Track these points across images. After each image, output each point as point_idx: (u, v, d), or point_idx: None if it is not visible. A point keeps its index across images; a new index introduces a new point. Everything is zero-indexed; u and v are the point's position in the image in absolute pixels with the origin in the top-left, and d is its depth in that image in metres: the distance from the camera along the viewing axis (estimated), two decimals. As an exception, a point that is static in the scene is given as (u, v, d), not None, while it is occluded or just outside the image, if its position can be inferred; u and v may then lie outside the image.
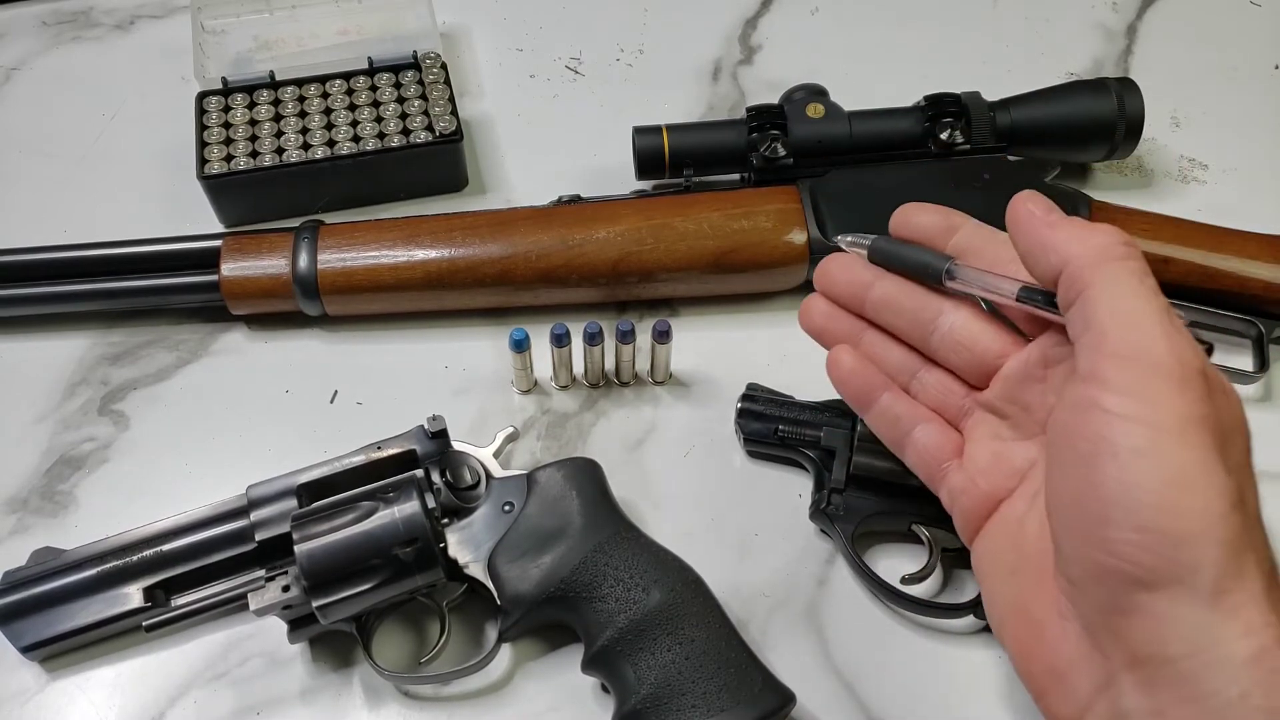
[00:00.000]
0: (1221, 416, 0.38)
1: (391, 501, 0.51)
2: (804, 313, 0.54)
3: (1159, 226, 0.65)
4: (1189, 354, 0.38)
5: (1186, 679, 0.36)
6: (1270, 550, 0.38)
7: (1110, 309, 0.39)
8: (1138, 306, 0.39)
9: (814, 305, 0.53)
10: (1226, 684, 0.36)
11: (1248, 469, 0.39)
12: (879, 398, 0.51)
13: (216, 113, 0.72)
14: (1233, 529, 0.36)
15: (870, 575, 0.56)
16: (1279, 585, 0.38)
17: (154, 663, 0.55)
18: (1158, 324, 0.38)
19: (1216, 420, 0.38)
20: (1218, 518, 0.36)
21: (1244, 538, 0.37)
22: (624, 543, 0.53)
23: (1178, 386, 0.37)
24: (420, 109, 0.73)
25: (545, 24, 0.85)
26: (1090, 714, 0.40)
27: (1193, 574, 0.36)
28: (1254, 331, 0.64)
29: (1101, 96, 0.68)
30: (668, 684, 0.49)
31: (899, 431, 0.51)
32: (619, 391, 0.65)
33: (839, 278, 0.52)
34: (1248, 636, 0.36)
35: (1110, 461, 0.38)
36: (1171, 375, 0.38)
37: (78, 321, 0.68)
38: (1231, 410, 0.39)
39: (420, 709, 0.54)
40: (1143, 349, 0.38)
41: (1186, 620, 0.36)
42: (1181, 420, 0.37)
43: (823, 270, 0.53)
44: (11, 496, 0.61)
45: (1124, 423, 0.38)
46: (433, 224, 0.66)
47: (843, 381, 0.52)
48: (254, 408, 0.64)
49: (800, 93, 0.69)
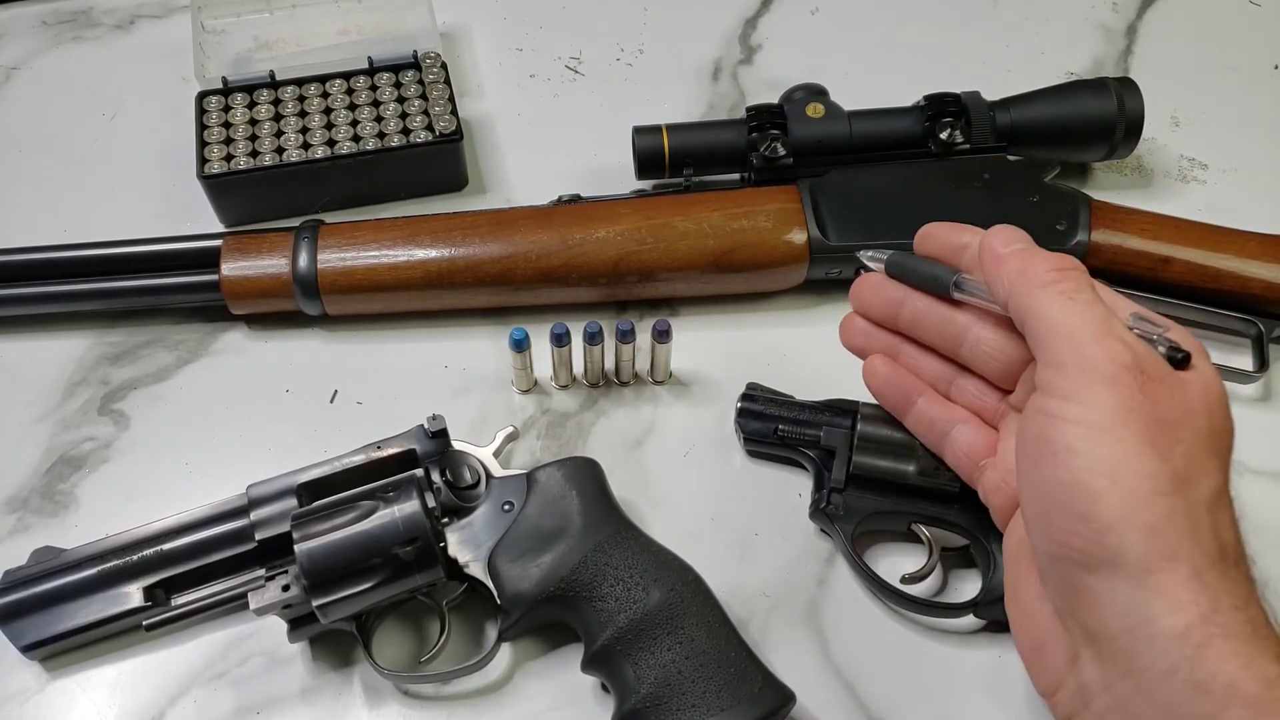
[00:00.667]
0: (1160, 407, 0.41)
1: (391, 501, 0.51)
2: (844, 332, 0.57)
3: (1159, 226, 0.65)
4: (1120, 354, 0.41)
5: (1126, 654, 0.40)
6: (1226, 530, 0.41)
7: (1045, 328, 0.44)
8: (1068, 322, 0.43)
9: (853, 324, 0.56)
10: (1157, 658, 0.39)
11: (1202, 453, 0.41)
12: (915, 402, 0.54)
13: (216, 112, 0.72)
14: (1158, 513, 0.39)
15: (870, 575, 0.56)
16: (1225, 564, 0.40)
17: (154, 662, 0.55)
18: (1088, 332, 0.42)
19: (1151, 411, 0.41)
20: (1141, 502, 0.39)
21: (1174, 520, 0.39)
22: (624, 542, 0.53)
23: (1106, 385, 0.41)
24: (420, 109, 0.73)
25: (545, 24, 0.86)
26: (1063, 687, 0.44)
27: (1120, 556, 0.40)
28: (1254, 331, 0.64)
29: (1101, 96, 0.68)
30: (668, 683, 0.49)
31: (937, 433, 0.54)
32: (619, 391, 0.65)
33: (871, 299, 0.55)
34: (1175, 614, 0.38)
35: (1051, 460, 0.42)
36: (1101, 375, 0.41)
37: (78, 321, 0.68)
38: (1176, 399, 0.41)
39: (420, 708, 0.54)
40: (1074, 356, 0.42)
41: (1120, 599, 0.40)
42: (1109, 416, 0.41)
43: (856, 291, 0.55)
44: (11, 496, 0.61)
45: (1060, 423, 0.42)
46: (433, 224, 0.66)
47: (879, 389, 0.55)
48: (254, 407, 0.64)
49: (800, 92, 0.69)
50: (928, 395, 0.54)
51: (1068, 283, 0.44)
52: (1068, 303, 0.43)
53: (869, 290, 0.55)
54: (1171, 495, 0.40)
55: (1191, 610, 0.38)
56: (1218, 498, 0.41)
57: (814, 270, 0.66)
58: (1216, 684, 0.38)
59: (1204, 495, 0.41)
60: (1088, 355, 0.42)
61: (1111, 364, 0.41)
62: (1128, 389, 0.41)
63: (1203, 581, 0.39)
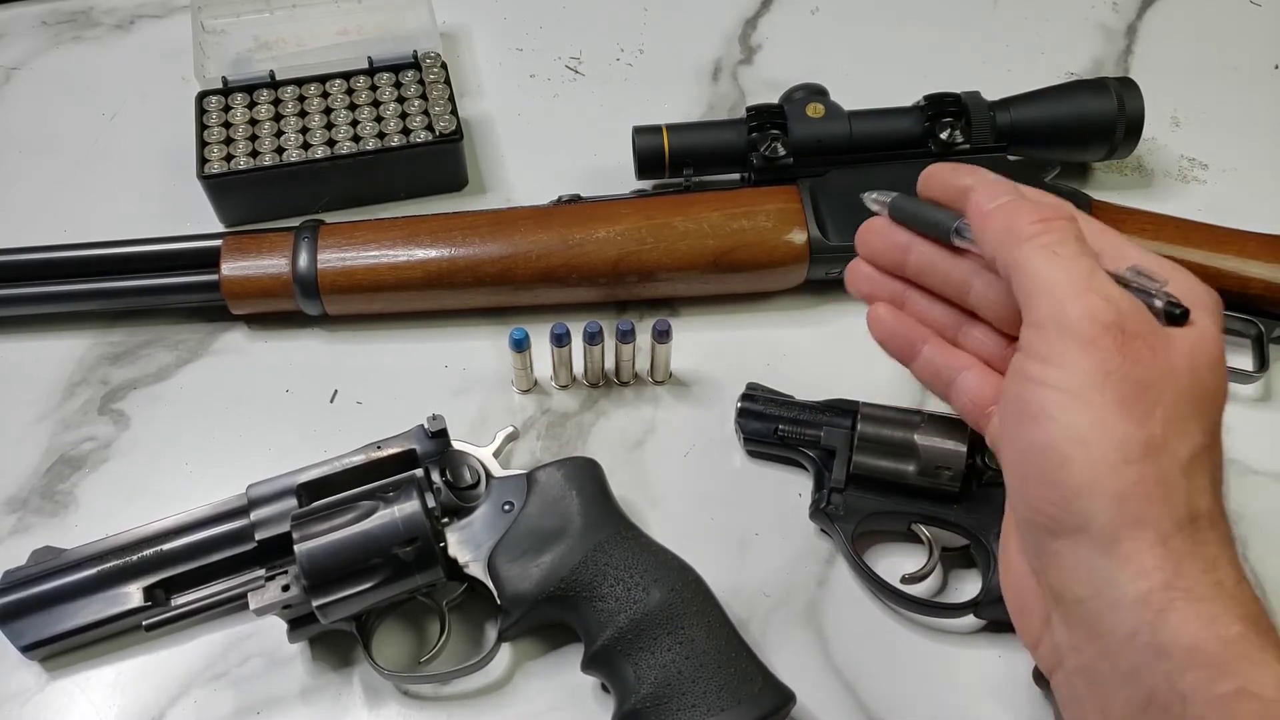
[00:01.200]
0: (1140, 368, 0.40)
1: (391, 501, 0.51)
2: (850, 278, 0.54)
3: (1159, 226, 0.65)
4: (1100, 311, 0.40)
5: (1091, 617, 0.40)
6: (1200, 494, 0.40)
7: (1027, 285, 0.42)
8: (1050, 277, 0.41)
9: (858, 269, 0.54)
10: (1119, 623, 0.39)
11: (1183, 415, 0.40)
12: (921, 350, 0.52)
13: (216, 112, 0.72)
14: (1126, 480, 0.39)
15: (870, 575, 0.56)
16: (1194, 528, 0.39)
17: (154, 662, 0.55)
18: (1070, 289, 0.41)
19: (1130, 373, 0.40)
20: (1109, 470, 0.39)
21: (1143, 487, 0.39)
22: (624, 542, 0.53)
23: (1083, 346, 0.40)
24: (420, 109, 0.73)
25: (545, 24, 0.86)
26: (1042, 644, 0.44)
27: (1086, 522, 0.40)
28: (1254, 331, 0.64)
29: (1101, 96, 0.68)
30: (668, 684, 0.49)
31: (943, 381, 0.52)
32: (619, 391, 0.65)
33: (877, 244, 0.52)
34: (1138, 580, 0.39)
35: (1029, 423, 0.41)
36: (1079, 336, 0.40)
37: (78, 321, 0.68)
38: (1159, 359, 0.40)
39: (420, 708, 0.54)
40: (1054, 315, 0.41)
41: (1085, 564, 0.40)
42: (1085, 380, 0.40)
43: (862, 237, 0.53)
44: (11, 496, 0.61)
45: (1037, 387, 0.41)
46: (433, 224, 0.66)
47: (883, 338, 0.53)
48: (254, 407, 0.64)
49: (800, 92, 0.69)
50: (933, 342, 0.52)
51: (1052, 234, 0.43)
52: (1051, 257, 0.42)
53: (874, 236, 0.52)
54: (1142, 462, 0.39)
55: (1155, 576, 0.38)
56: (1196, 460, 0.40)
57: (814, 270, 0.66)
58: (1176, 647, 0.38)
59: (1180, 458, 0.40)
60: (1066, 314, 0.41)
61: (1090, 324, 0.40)
62: (1105, 350, 0.40)
63: (1168, 547, 0.39)
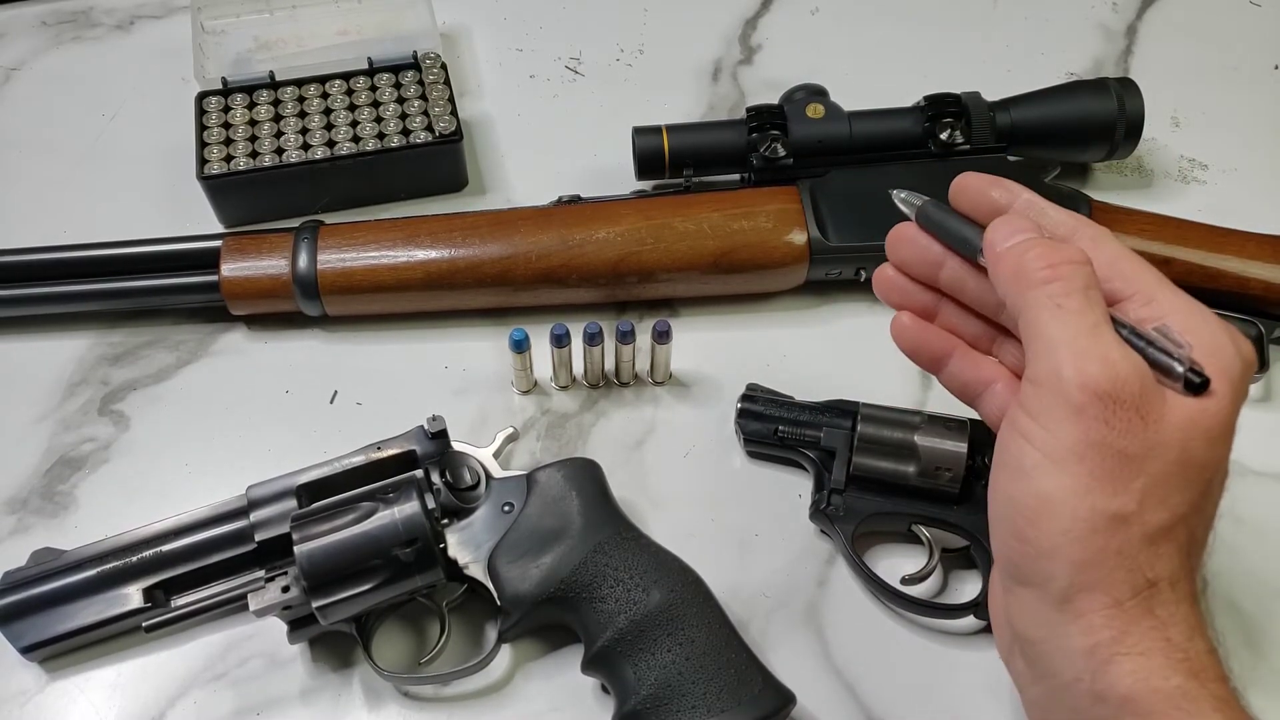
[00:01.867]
0: (1126, 440, 0.40)
1: (391, 502, 0.51)
2: (879, 284, 0.52)
3: (1159, 226, 0.65)
4: (1094, 379, 0.40)
5: (1042, 658, 0.43)
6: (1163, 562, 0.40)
7: (1031, 338, 0.42)
8: (1052, 333, 0.41)
9: (888, 276, 0.52)
10: (1066, 667, 0.41)
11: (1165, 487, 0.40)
12: (948, 362, 0.51)
13: (216, 113, 0.72)
14: (1089, 551, 0.40)
15: (870, 575, 0.56)
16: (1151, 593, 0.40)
17: (154, 663, 0.55)
18: (1068, 349, 0.40)
19: (1114, 444, 0.40)
20: (1074, 539, 0.40)
21: (1104, 558, 0.40)
22: (624, 543, 0.53)
23: (1071, 414, 0.40)
24: (420, 109, 0.73)
25: (545, 24, 0.85)
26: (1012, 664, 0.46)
27: (1047, 582, 0.41)
28: (1254, 331, 0.64)
29: (1101, 96, 0.68)
30: (668, 684, 0.49)
31: (971, 393, 0.51)
32: (619, 392, 0.65)
33: (907, 253, 0.51)
34: (1086, 635, 0.40)
35: (1008, 474, 0.43)
36: (1069, 402, 0.40)
37: (78, 321, 0.68)
38: (1149, 430, 0.40)
39: (420, 709, 0.54)
40: (1049, 375, 0.41)
41: (1040, 615, 0.42)
42: (1067, 447, 0.40)
43: (892, 242, 0.51)
44: (11, 496, 0.61)
45: (1023, 442, 0.42)
46: (433, 224, 0.66)
47: (909, 348, 0.52)
48: (254, 408, 0.64)
49: (800, 93, 0.69)
50: (960, 353, 0.50)
51: (1058, 284, 0.42)
52: (1054, 311, 0.41)
53: (907, 245, 0.50)
54: (1106, 533, 0.40)
55: (1103, 633, 0.40)
56: (1167, 530, 0.40)
57: (814, 271, 0.66)
58: (1114, 695, 0.40)
59: (1149, 529, 0.40)
60: (1061, 376, 0.40)
61: (1081, 391, 0.40)
62: (1092, 420, 0.40)
63: (1121, 608, 0.40)
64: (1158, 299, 0.43)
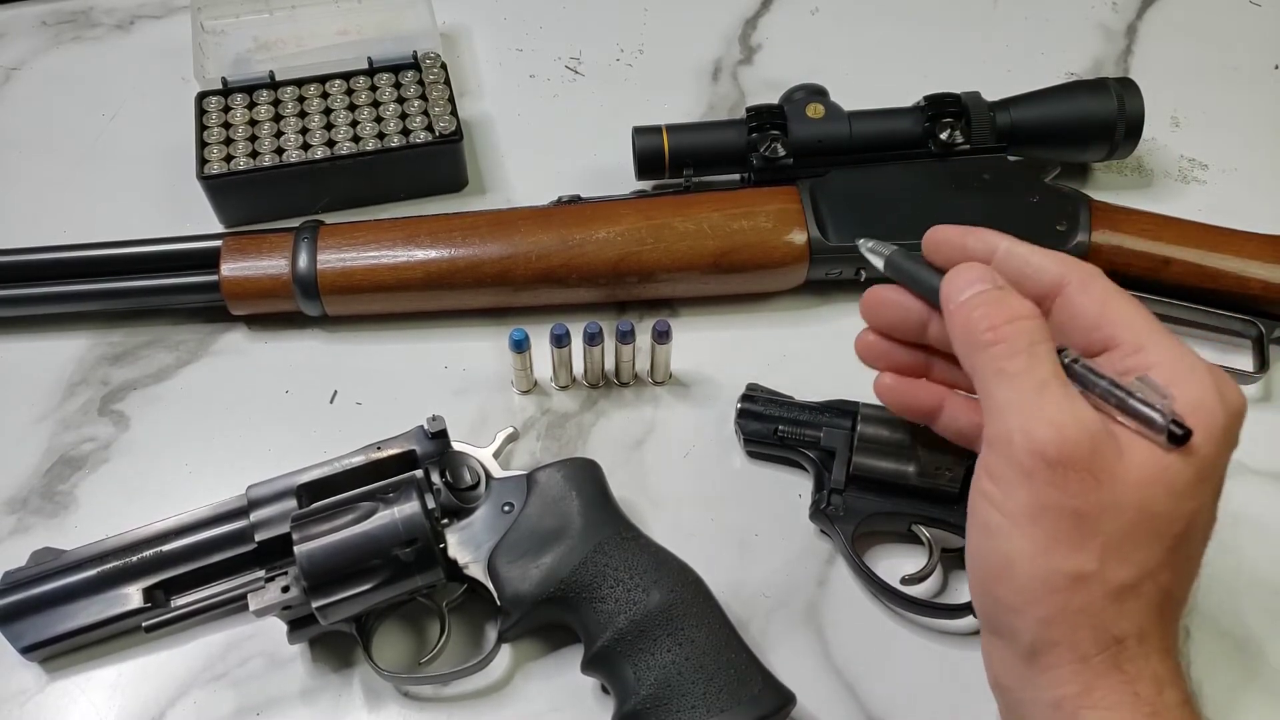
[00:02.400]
0: (1079, 501, 0.40)
1: (391, 502, 0.51)
2: (861, 350, 0.53)
3: (1159, 226, 0.65)
4: (1043, 443, 0.40)
5: (1013, 703, 0.44)
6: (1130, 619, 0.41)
7: (983, 398, 0.43)
8: (1000, 397, 0.42)
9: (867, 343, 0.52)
10: (1034, 714, 0.43)
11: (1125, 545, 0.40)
12: (940, 414, 0.52)
13: (216, 113, 0.72)
14: (1051, 608, 0.41)
15: (870, 575, 0.56)
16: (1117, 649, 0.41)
17: (154, 663, 0.55)
18: (1016, 414, 0.41)
19: (1068, 506, 0.40)
20: (1035, 597, 0.41)
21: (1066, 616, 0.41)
22: (624, 543, 0.53)
23: (1022, 478, 0.40)
24: (420, 109, 0.73)
25: (545, 24, 0.85)
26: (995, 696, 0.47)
27: (1014, 635, 0.42)
28: (1254, 331, 0.64)
29: (1101, 96, 0.68)
30: (668, 684, 0.49)
31: (969, 438, 0.51)
32: (619, 392, 0.65)
33: (887, 316, 0.51)
34: (1054, 688, 0.41)
35: (976, 531, 0.44)
36: (1019, 466, 0.40)
37: (78, 321, 0.68)
38: (1103, 491, 0.40)
39: (420, 709, 0.54)
40: (1000, 438, 0.41)
41: (1010, 665, 0.43)
42: (1021, 509, 0.41)
43: (869, 308, 0.51)
44: (11, 496, 0.61)
45: (984, 502, 0.42)
46: (433, 224, 0.66)
47: (897, 406, 0.52)
48: (254, 408, 0.64)
49: (800, 93, 0.69)
50: (951, 403, 0.51)
51: (1001, 346, 0.42)
52: (997, 375, 0.41)
53: (882, 308, 0.50)
54: (1068, 591, 0.40)
55: (1070, 687, 0.41)
56: (1132, 587, 0.40)
57: (814, 271, 0.66)
58: None
59: (1111, 587, 0.40)
60: (1009, 440, 0.40)
61: (1029, 457, 0.40)
62: (1042, 485, 0.40)
63: (1087, 664, 0.41)
64: (1146, 347, 0.42)
